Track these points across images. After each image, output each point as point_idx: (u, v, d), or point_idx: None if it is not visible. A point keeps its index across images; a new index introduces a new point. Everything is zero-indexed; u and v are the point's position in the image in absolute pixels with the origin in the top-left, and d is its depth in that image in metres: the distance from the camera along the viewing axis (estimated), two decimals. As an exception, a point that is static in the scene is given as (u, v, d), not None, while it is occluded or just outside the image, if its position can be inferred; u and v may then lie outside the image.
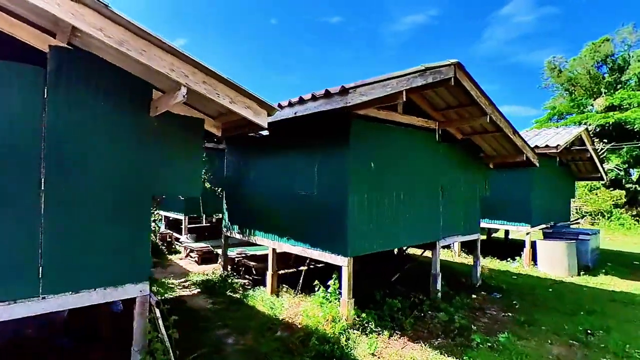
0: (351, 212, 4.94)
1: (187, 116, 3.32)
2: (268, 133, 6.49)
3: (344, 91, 3.60)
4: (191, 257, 9.61)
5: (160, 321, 3.22)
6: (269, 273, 6.42)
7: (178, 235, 10.96)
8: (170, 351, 3.24)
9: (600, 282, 8.09)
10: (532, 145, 8.70)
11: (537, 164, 7.28)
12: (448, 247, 11.45)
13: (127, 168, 3.05)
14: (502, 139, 6.65)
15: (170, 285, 7.17)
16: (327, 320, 4.64)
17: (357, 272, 7.84)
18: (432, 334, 4.96)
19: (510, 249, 10.93)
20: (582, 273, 8.72)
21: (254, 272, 7.42)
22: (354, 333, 4.72)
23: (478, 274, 7.39)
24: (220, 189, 7.78)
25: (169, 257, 10.04)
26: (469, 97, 5.49)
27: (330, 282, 5.39)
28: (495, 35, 64.75)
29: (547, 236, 9.71)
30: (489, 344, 4.61)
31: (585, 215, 19.56)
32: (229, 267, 8.00)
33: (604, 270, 8.95)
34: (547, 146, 8.44)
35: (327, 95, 3.77)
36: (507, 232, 12.59)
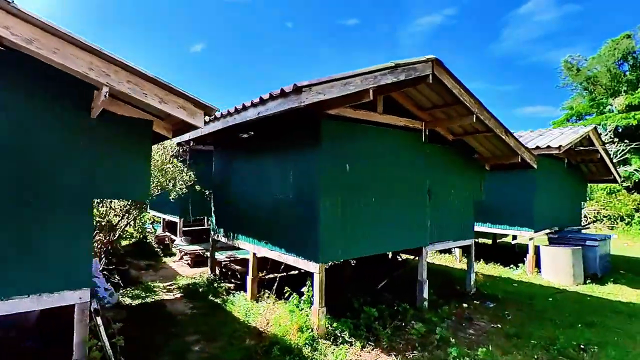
0: (323, 216, 4.74)
1: (133, 117, 3.21)
2: (249, 135, 6.38)
3: (298, 90, 3.42)
4: (184, 260, 9.58)
5: (101, 329, 3.11)
6: (249, 278, 6.27)
7: (175, 238, 10.98)
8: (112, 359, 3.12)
9: (608, 292, 7.57)
10: (533, 146, 8.29)
11: (535, 166, 6.88)
12: (450, 252, 11.04)
13: (64, 170, 2.96)
14: (495, 139, 6.31)
15: (155, 289, 7.12)
16: (295, 329, 4.44)
17: (341, 279, 7.62)
18: (409, 346, 4.68)
19: (516, 255, 10.44)
20: (588, 281, 8.20)
21: (238, 276, 7.30)
22: (323, 343, 4.51)
23: (472, 282, 7.02)
24: (209, 191, 7.72)
25: (164, 259, 10.05)
26: (453, 95, 5.21)
27: (304, 289, 5.19)
28: (514, 34, 62.99)
29: (552, 242, 9.20)
30: (467, 358, 4.30)
31: (599, 220, 18.62)
32: (218, 270, 7.92)
33: (613, 279, 8.38)
34: (548, 147, 7.99)
35: (283, 94, 3.60)
36: (514, 237, 12.05)
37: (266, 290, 6.39)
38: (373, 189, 5.36)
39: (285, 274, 6.80)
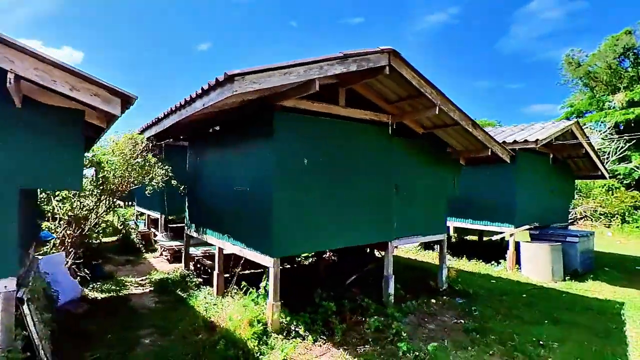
0: (277, 210, 4.68)
1: (62, 107, 3.19)
2: (214, 129, 6.35)
3: (230, 78, 3.36)
4: (164, 255, 9.59)
5: (28, 319, 3.09)
6: (215, 273, 6.25)
7: (158, 234, 11.01)
8: (41, 349, 3.10)
9: (585, 289, 7.43)
10: (511, 140, 8.16)
11: (508, 160, 6.77)
12: (432, 247, 10.94)
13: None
14: (464, 132, 6.20)
15: (127, 284, 7.13)
16: (245, 323, 4.40)
17: (317, 273, 7.57)
18: (363, 341, 4.62)
19: (500, 251, 10.31)
20: (568, 278, 8.07)
21: (209, 271, 7.28)
22: (275, 337, 4.47)
23: (444, 277, 6.93)
24: (183, 187, 7.69)
25: (145, 255, 10.07)
26: (414, 87, 5.13)
27: (262, 284, 5.15)
28: (521, 32, 62.26)
29: (534, 238, 9.06)
30: (416, 353, 4.23)
31: (595, 218, 18.36)
32: (192, 266, 7.91)
33: (593, 276, 8.24)
34: (526, 141, 7.85)
35: (218, 84, 3.55)
36: (495, 234, 11.90)
37: (235, 286, 6.35)
38: (335, 182, 5.29)
39: (261, 270, 6.76)
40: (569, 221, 13.19)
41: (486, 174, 9.21)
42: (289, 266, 8.12)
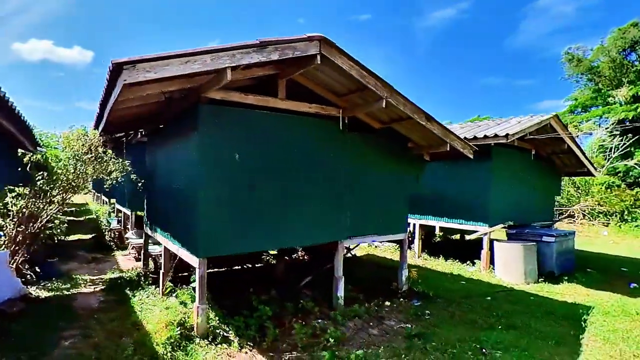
0: (203, 208, 4.44)
1: None
2: (159, 126, 6.13)
3: (118, 68, 3.12)
4: (132, 253, 9.46)
5: None
6: (161, 272, 6.05)
7: (129, 231, 10.88)
8: None
9: (557, 292, 7.06)
10: (481, 135, 7.79)
11: (470, 156, 6.41)
12: (409, 247, 10.60)
13: None
14: (420, 126, 5.87)
15: (80, 282, 6.98)
16: (162, 327, 4.18)
17: (274, 274, 7.31)
18: (292, 347, 4.37)
19: (476, 251, 9.94)
20: (541, 280, 7.69)
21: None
22: (198, 343, 4.24)
23: (404, 278, 6.62)
24: (140, 182, 7.50)
25: (115, 253, 9.96)
26: (355, 79, 4.82)
27: (193, 285, 4.92)
28: (531, 28, 60.79)
29: (510, 237, 8.70)
30: (340, 362, 3.97)
31: (594, 216, 17.77)
32: (151, 263, 7.74)
33: (569, 278, 7.84)
34: (496, 135, 7.45)
35: (111, 74, 3.31)
36: (470, 233, 11.51)
37: (184, 285, 6.15)
38: (275, 179, 5.02)
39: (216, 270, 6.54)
40: (556, 219, 12.66)
41: (461, 170, 8.85)
42: (249, 266, 7.90)
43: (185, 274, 7.72)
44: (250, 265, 8.00)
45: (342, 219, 5.69)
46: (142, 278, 6.96)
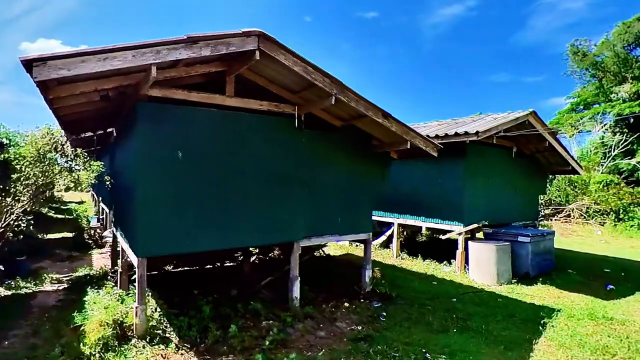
0: (144, 207, 4.37)
1: None
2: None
3: (28, 65, 3.05)
4: (108, 252, 9.47)
5: None
6: (119, 271, 6.02)
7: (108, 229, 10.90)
8: None
9: (528, 294, 6.86)
10: (452, 133, 7.61)
11: (434, 154, 6.25)
12: (387, 245, 10.48)
13: None
14: (379, 124, 5.72)
15: (45, 281, 6.99)
16: (96, 326, 4.12)
17: (241, 274, 7.22)
18: (229, 349, 4.29)
19: (454, 251, 9.77)
20: (515, 281, 7.50)
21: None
22: (133, 344, 4.18)
23: (367, 279, 6.50)
24: (108, 181, 7.48)
25: (93, 251, 10.00)
26: (302, 75, 4.71)
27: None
28: (540, 23, 59.50)
29: (487, 237, 8.50)
30: (272, 365, 3.87)
31: (590, 216, 17.38)
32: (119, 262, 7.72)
33: (543, 279, 7.63)
34: (466, 133, 7.25)
35: (27, 70, 3.25)
36: (445, 232, 11.30)
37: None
38: (221, 178, 4.93)
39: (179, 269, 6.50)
40: (542, 219, 12.25)
41: (437, 168, 8.67)
42: (210, 266, 7.85)
43: (155, 272, 7.73)
44: (222, 264, 7.93)
45: (297, 219, 5.59)
46: (107, 277, 6.96)
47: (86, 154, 7.27)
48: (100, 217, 11.85)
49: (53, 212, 15.77)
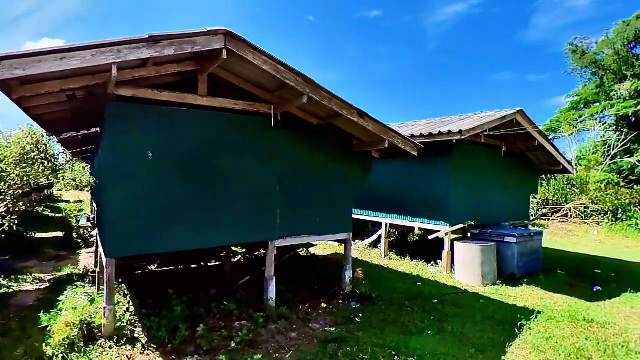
0: (113, 207, 4.36)
1: None
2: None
3: (-23, 63, 3.03)
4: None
5: None
6: (97, 271, 6.01)
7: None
8: None
9: (511, 295, 6.78)
10: (436, 132, 7.53)
11: (414, 153, 6.19)
12: (375, 245, 10.43)
13: None
14: (355, 123, 5.67)
15: (27, 280, 7.01)
16: (62, 327, 4.11)
17: (222, 274, 7.17)
18: (196, 350, 4.26)
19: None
20: (500, 282, 7.41)
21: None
22: (99, 345, 4.16)
23: (347, 279, 6.45)
24: (92, 182, 7.49)
25: (82, 250, 10.01)
26: (272, 74, 4.66)
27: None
28: (544, 22, 58.71)
29: (474, 237, 8.42)
30: (235, 367, 3.84)
31: (588, 216, 17.21)
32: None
33: (528, 280, 7.54)
34: (449, 132, 7.18)
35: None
36: (431, 232, 11.21)
37: (124, 284, 6.12)
38: (193, 178, 4.91)
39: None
40: (535, 219, 12.04)
41: (424, 168, 8.60)
42: (195, 266, 7.83)
43: (139, 272, 7.73)
44: (206, 264, 7.91)
45: (272, 218, 5.55)
46: (88, 276, 6.96)
47: (71, 154, 7.30)
48: (91, 216, 11.88)
49: (49, 210, 15.86)
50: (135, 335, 4.46)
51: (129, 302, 5.11)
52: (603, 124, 23.31)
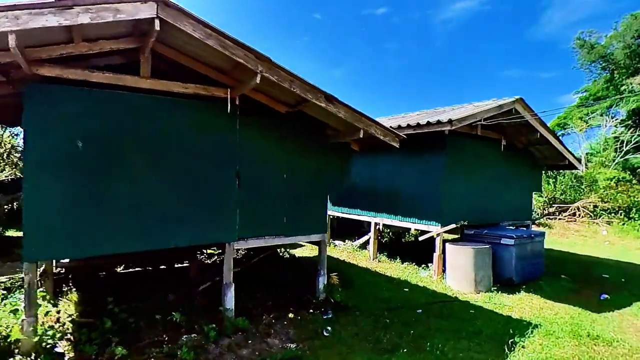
0: (30, 204, 3.76)
1: None
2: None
3: None
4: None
5: None
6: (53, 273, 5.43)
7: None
8: None
9: (506, 304, 6.05)
10: (424, 122, 6.82)
11: (395, 144, 5.50)
12: (364, 247, 9.74)
13: None
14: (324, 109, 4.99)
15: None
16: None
17: (187, 277, 6.57)
18: (126, 371, 3.65)
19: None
20: (495, 289, 6.68)
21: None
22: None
23: (321, 286, 5.79)
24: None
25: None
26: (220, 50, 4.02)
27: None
28: (555, 17, 56.97)
29: (467, 239, 7.69)
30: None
31: (597, 215, 16.27)
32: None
33: (526, 286, 6.80)
34: (438, 122, 6.44)
35: None
36: (422, 233, 10.46)
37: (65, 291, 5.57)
38: (137, 171, 4.29)
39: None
40: (537, 218, 11.13)
41: (415, 163, 7.90)
42: (164, 267, 7.22)
43: (103, 273, 7.15)
44: (165, 267, 7.30)
45: (230, 218, 4.90)
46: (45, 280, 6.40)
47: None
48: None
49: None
50: (60, 350, 3.87)
51: (58, 312, 4.52)
52: (615, 120, 22.23)
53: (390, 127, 7.22)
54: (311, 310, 5.38)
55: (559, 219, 17.24)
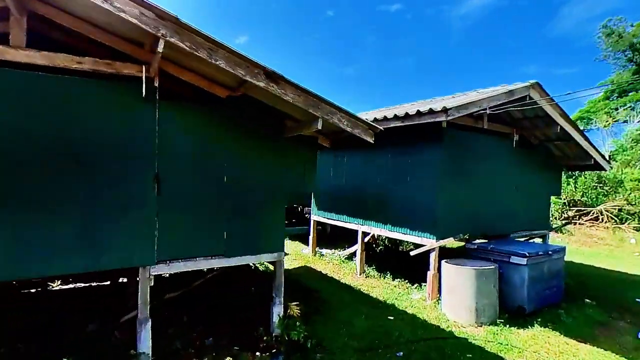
0: None
1: None
2: None
3: None
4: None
5: None
6: None
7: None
8: None
9: (514, 345, 4.72)
10: (413, 112, 5.52)
11: (370, 139, 4.23)
12: (352, 258, 8.48)
13: None
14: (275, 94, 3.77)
15: None
16: None
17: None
18: None
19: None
20: (502, 321, 5.35)
21: None
22: None
23: (275, 319, 4.57)
24: None
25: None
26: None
27: None
28: (573, 12, 54.57)
29: (471, 255, 6.36)
30: None
31: (622, 220, 14.58)
32: None
33: (541, 318, 5.44)
34: (431, 111, 5.07)
35: None
36: (416, 247, 9.09)
37: None
38: (11, 176, 3.16)
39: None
40: (554, 228, 9.55)
41: (407, 162, 6.61)
42: (108, 283, 6.12)
43: (37, 289, 6.14)
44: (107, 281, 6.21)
45: (145, 234, 3.74)
46: None
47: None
48: None
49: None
50: None
51: None
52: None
53: (375, 118, 5.96)
54: (258, 352, 4.18)
55: (580, 223, 15.60)
